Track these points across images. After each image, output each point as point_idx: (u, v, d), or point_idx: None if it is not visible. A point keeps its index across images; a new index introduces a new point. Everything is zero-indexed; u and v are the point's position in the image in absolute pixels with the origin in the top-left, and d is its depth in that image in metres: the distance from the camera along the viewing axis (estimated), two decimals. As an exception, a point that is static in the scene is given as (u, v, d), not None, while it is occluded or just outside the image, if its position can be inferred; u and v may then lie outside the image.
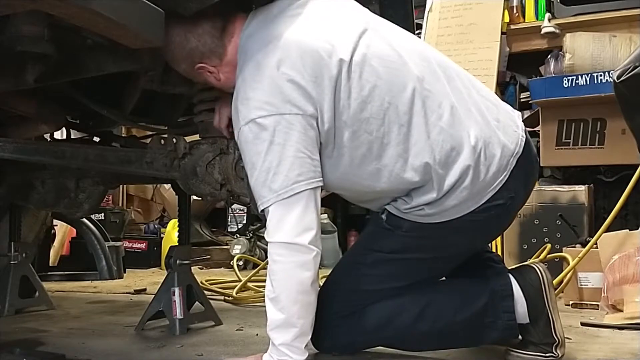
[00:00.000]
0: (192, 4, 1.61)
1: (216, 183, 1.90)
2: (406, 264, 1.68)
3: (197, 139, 1.96)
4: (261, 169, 1.52)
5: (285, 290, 1.54)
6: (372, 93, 1.56)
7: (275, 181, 1.51)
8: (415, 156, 1.56)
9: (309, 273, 1.54)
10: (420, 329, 1.66)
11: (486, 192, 1.59)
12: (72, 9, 1.27)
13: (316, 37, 1.57)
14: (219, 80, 1.71)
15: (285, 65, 1.53)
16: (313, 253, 1.53)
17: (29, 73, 1.71)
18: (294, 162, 1.51)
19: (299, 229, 1.51)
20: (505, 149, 1.61)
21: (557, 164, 3.51)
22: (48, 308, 2.66)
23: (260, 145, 1.52)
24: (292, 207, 1.51)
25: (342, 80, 1.54)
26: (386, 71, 1.57)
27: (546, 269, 1.68)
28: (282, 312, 1.53)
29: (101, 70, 1.83)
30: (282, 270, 1.54)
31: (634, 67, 2.17)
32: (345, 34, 1.59)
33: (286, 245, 1.52)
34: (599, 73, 3.23)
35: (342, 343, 1.72)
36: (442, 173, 1.56)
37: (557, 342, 1.63)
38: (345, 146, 1.57)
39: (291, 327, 1.54)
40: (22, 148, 1.96)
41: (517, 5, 4.08)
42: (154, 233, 4.98)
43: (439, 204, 1.58)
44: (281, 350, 1.54)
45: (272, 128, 1.51)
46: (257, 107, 1.52)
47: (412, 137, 1.57)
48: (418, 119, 1.57)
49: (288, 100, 1.52)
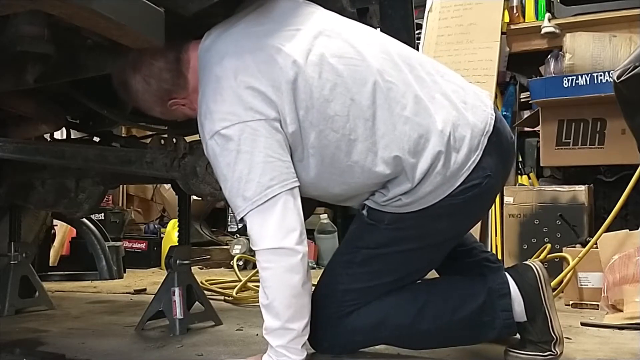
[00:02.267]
0: (192, 4, 1.61)
1: (216, 183, 1.90)
2: (395, 257, 1.67)
3: (197, 139, 1.96)
4: (232, 179, 1.53)
5: (278, 296, 1.55)
6: (334, 91, 1.56)
7: (248, 189, 1.51)
8: (384, 149, 1.57)
9: (298, 276, 1.54)
10: (419, 327, 1.67)
11: (460, 174, 1.59)
12: (72, 9, 1.27)
13: (269, 43, 1.58)
14: (195, 110, 1.70)
15: (242, 74, 1.54)
16: (300, 254, 1.53)
17: (29, 73, 1.71)
18: (264, 167, 1.51)
19: (282, 232, 1.52)
20: (475, 129, 1.60)
21: (557, 164, 3.52)
22: (48, 308, 2.66)
23: (229, 156, 1.52)
24: (269, 212, 1.51)
25: (300, 81, 1.55)
26: (345, 68, 1.58)
27: (543, 267, 1.68)
28: (277, 318, 1.55)
29: (101, 70, 1.83)
30: (272, 276, 1.55)
31: (634, 67, 2.17)
32: (299, 37, 1.60)
33: (272, 251, 1.52)
34: (599, 73, 3.24)
35: (340, 343, 1.72)
36: (413, 162, 1.57)
37: (555, 339, 1.63)
38: (314, 147, 1.58)
39: (287, 331, 1.55)
40: (22, 148, 1.96)
41: (517, 5, 4.08)
42: (154, 233, 4.98)
43: (414, 192, 1.59)
44: (279, 352, 1.55)
45: (237, 137, 1.51)
46: (220, 119, 1.53)
47: (378, 131, 1.57)
48: (382, 112, 1.57)
49: (250, 108, 1.52)
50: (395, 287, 1.69)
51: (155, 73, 1.67)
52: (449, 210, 1.61)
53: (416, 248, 1.67)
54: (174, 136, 1.97)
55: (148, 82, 1.68)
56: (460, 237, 1.77)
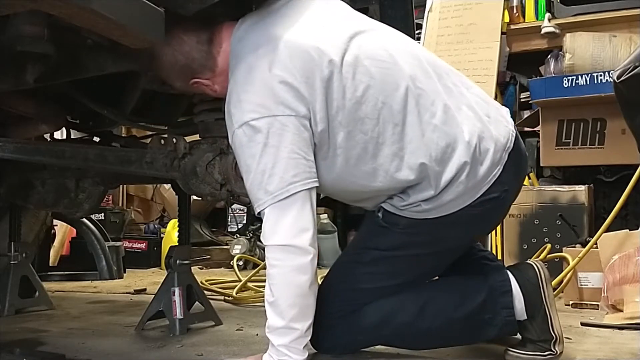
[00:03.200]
0: (192, 4, 1.61)
1: (216, 183, 1.90)
2: (404, 261, 1.68)
3: (197, 139, 1.96)
4: (256, 171, 1.53)
5: (283, 294, 1.54)
6: (366, 93, 1.56)
7: (270, 183, 1.51)
8: (411, 155, 1.57)
9: (306, 276, 1.54)
10: (420, 326, 1.67)
11: (482, 186, 1.60)
12: (72, 9, 1.27)
13: (307, 39, 1.58)
14: (216, 91, 1.72)
15: (276, 67, 1.54)
16: (310, 255, 1.53)
17: (29, 73, 1.71)
18: (288, 163, 1.51)
19: (295, 230, 1.52)
20: (498, 143, 1.62)
21: (557, 164, 3.51)
22: (48, 308, 2.66)
23: (255, 148, 1.52)
24: (288, 208, 1.51)
25: (335, 81, 1.55)
26: (379, 71, 1.58)
27: (544, 266, 1.68)
28: (280, 316, 1.54)
29: (101, 70, 1.83)
30: (279, 274, 1.54)
31: (634, 67, 2.17)
32: (336, 36, 1.61)
33: (283, 248, 1.52)
34: (599, 73, 3.23)
35: (342, 343, 1.72)
36: (438, 170, 1.57)
37: (555, 338, 1.63)
38: (341, 147, 1.58)
39: (290, 331, 1.54)
40: (22, 148, 1.96)
41: (517, 5, 4.08)
42: (154, 233, 4.98)
43: (436, 199, 1.59)
44: (280, 351, 1.55)
45: (265, 130, 1.51)
46: (250, 110, 1.53)
47: (406, 136, 1.57)
48: (412, 118, 1.58)
49: (281, 102, 1.52)
50: (398, 289, 1.69)
51: (186, 50, 1.66)
52: (466, 220, 1.63)
53: (426, 253, 1.68)
54: (174, 136, 1.97)
55: (176, 57, 1.67)
56: (469, 245, 1.77)
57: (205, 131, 1.95)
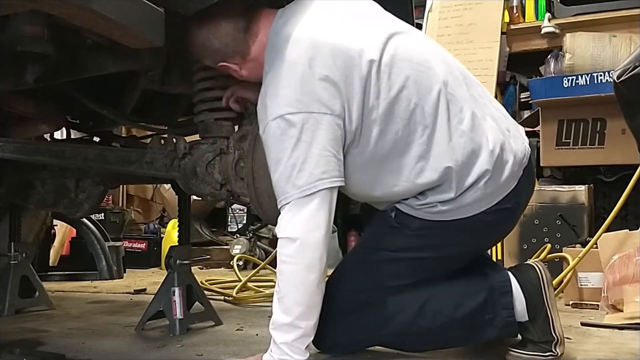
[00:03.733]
0: (192, 4, 1.61)
1: (216, 183, 1.90)
2: (411, 263, 1.69)
3: (197, 139, 1.96)
4: (286, 164, 1.53)
5: (290, 291, 1.54)
6: (400, 94, 1.58)
7: (300, 178, 1.52)
8: (437, 157, 1.59)
9: (314, 275, 1.54)
10: (420, 325, 1.67)
11: (498, 195, 1.63)
12: (72, 9, 1.27)
13: (347, 37, 1.59)
14: (241, 76, 1.74)
15: (317, 64, 1.55)
16: (319, 253, 1.53)
17: (29, 73, 1.71)
18: (319, 160, 1.52)
19: (311, 225, 1.52)
20: (516, 157, 1.65)
21: (557, 164, 3.51)
22: (48, 308, 2.66)
23: (288, 142, 1.53)
24: (309, 204, 1.52)
25: (372, 80, 1.56)
26: (414, 73, 1.60)
27: (545, 268, 1.68)
28: (286, 313, 1.54)
29: (101, 70, 1.83)
30: (289, 271, 1.54)
31: (634, 67, 2.17)
32: (374, 35, 1.62)
33: (296, 242, 1.52)
34: (599, 73, 3.23)
35: (343, 342, 1.72)
36: (461, 174, 1.59)
37: (556, 340, 1.63)
38: (371, 144, 1.59)
39: (294, 329, 1.54)
40: (22, 148, 1.96)
41: (517, 5, 4.08)
42: (154, 233, 4.98)
43: (453, 202, 1.61)
44: (282, 349, 1.54)
45: (300, 125, 1.52)
46: (287, 104, 1.54)
47: (435, 139, 1.59)
48: (442, 121, 1.59)
49: (318, 99, 1.53)
50: (400, 290, 1.70)
51: (221, 35, 1.67)
52: (478, 226, 1.65)
53: (433, 257, 1.69)
54: (174, 136, 1.96)
55: (210, 40, 1.68)
56: (475, 255, 1.77)
57: (205, 131, 1.94)
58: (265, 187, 1.78)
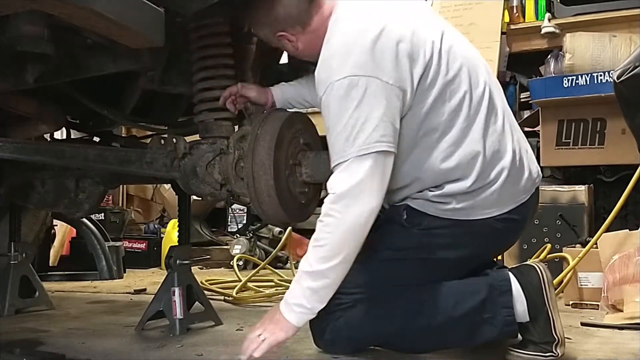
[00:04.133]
0: (192, 3, 1.61)
1: (216, 183, 1.90)
2: (414, 264, 1.70)
3: (197, 139, 1.96)
4: (346, 124, 1.55)
5: (330, 242, 1.56)
6: (455, 80, 1.65)
7: (358, 137, 1.54)
8: (468, 145, 1.64)
9: (356, 235, 1.56)
10: (419, 323, 1.67)
11: (510, 203, 1.68)
12: (72, 9, 1.27)
13: (414, 20, 1.67)
14: (297, 49, 1.77)
15: (387, 35, 1.59)
16: (369, 212, 1.55)
17: (29, 73, 1.71)
18: (378, 124, 1.55)
19: (364, 187, 1.54)
20: (532, 174, 1.73)
21: (557, 164, 3.51)
22: (48, 308, 2.66)
23: (350, 102, 1.55)
24: (365, 165, 1.54)
25: (434, 62, 1.63)
26: (467, 66, 1.68)
27: (546, 268, 1.69)
28: (321, 261, 1.56)
29: (101, 70, 1.83)
30: (333, 224, 1.56)
31: (634, 67, 2.17)
32: (432, 25, 1.71)
33: (343, 198, 1.54)
34: (599, 73, 3.23)
35: (342, 337, 1.72)
36: (485, 167, 1.64)
37: (556, 341, 1.63)
38: (416, 122, 1.63)
39: (324, 277, 1.57)
40: (22, 148, 1.96)
41: (517, 5, 4.08)
42: (154, 233, 4.98)
43: (469, 197, 1.64)
44: (303, 293, 1.58)
45: (363, 88, 1.55)
46: (354, 66, 1.56)
47: (472, 130, 1.65)
48: (481, 116, 1.66)
49: (384, 68, 1.57)
50: (400, 289, 1.71)
51: (285, 4, 1.70)
52: (486, 231, 1.68)
53: (439, 259, 1.70)
54: (174, 136, 1.96)
55: (275, 8, 1.70)
56: (479, 263, 1.77)
57: (205, 131, 1.94)
58: (265, 187, 1.78)
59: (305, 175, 1.88)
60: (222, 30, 1.93)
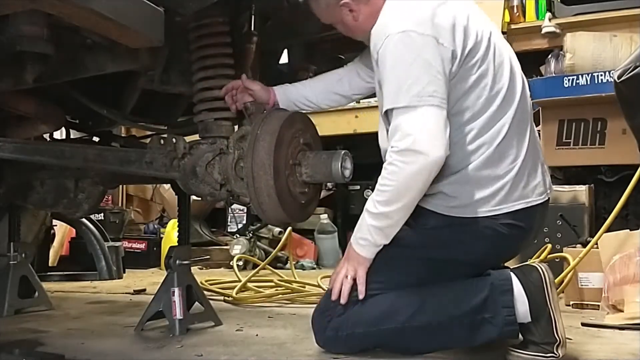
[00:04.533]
0: (192, 3, 1.61)
1: (216, 183, 1.90)
2: (416, 263, 1.71)
3: (197, 139, 1.96)
4: (401, 74, 1.61)
5: (392, 189, 1.62)
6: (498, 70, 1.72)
7: (412, 88, 1.60)
8: (490, 135, 1.69)
9: (418, 184, 1.61)
10: (420, 321, 1.68)
11: (519, 202, 1.70)
12: (71, 9, 1.27)
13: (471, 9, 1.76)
14: (356, 21, 1.79)
15: (447, 8, 1.68)
16: (427, 165, 1.58)
17: (29, 73, 1.71)
18: (433, 80, 1.61)
19: (426, 139, 1.58)
20: (544, 183, 1.76)
21: (558, 164, 3.50)
22: (47, 308, 2.65)
23: (408, 55, 1.61)
24: (424, 116, 1.59)
25: (482, 46, 1.70)
26: (509, 64, 1.76)
27: (548, 268, 1.68)
28: (382, 204, 1.64)
29: (101, 70, 1.83)
30: (396, 173, 1.61)
31: (634, 67, 2.17)
32: (485, 21, 1.79)
33: (407, 152, 1.58)
34: (600, 73, 3.23)
35: (343, 335, 1.73)
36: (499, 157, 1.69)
37: (558, 341, 1.62)
38: (453, 98, 1.67)
39: (387, 218, 1.66)
40: (21, 148, 1.96)
41: (518, 5, 4.08)
42: (154, 233, 4.98)
43: (478, 187, 1.67)
44: (370, 231, 1.68)
45: (421, 45, 1.62)
46: (416, 23, 1.63)
47: (498, 123, 1.69)
48: (509, 114, 1.71)
49: (441, 31, 1.64)
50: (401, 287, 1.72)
51: None
52: (489, 233, 1.69)
53: (441, 260, 1.71)
54: (173, 136, 1.96)
55: None
56: (481, 268, 1.76)
57: (205, 131, 1.94)
58: (265, 187, 1.78)
59: (305, 175, 1.88)
60: (221, 30, 1.93)
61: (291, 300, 2.81)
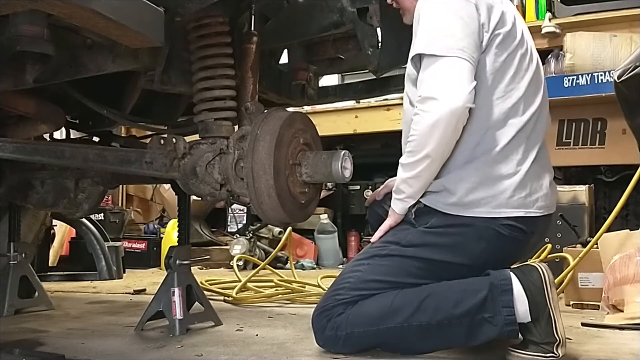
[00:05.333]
0: (192, 3, 1.61)
1: (216, 183, 1.90)
2: (417, 263, 1.72)
3: (197, 139, 1.96)
4: (438, 24, 1.67)
5: (416, 138, 1.65)
6: (526, 56, 1.76)
7: (446, 39, 1.64)
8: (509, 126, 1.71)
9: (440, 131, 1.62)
10: (420, 320, 1.68)
11: (520, 209, 1.70)
12: (71, 9, 1.27)
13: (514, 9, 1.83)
14: None
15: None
16: (448, 112, 1.60)
17: (29, 73, 1.71)
18: (466, 38, 1.65)
19: (448, 88, 1.60)
20: (548, 202, 1.77)
21: (558, 163, 3.50)
22: (47, 308, 2.65)
23: (447, 10, 1.67)
24: (453, 68, 1.62)
25: (509, 37, 1.73)
26: (537, 57, 1.82)
27: (548, 268, 1.68)
28: (409, 155, 1.68)
29: (101, 70, 1.83)
30: (419, 122, 1.64)
31: (634, 67, 2.17)
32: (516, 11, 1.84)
33: (429, 100, 1.61)
34: (600, 73, 3.24)
35: (342, 334, 1.73)
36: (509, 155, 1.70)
37: (558, 341, 1.62)
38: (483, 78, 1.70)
39: (412, 169, 1.68)
40: (21, 148, 1.95)
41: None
42: (154, 233, 4.98)
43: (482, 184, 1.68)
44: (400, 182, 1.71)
45: (464, 6, 1.67)
46: None
47: (516, 116, 1.71)
48: (525, 117, 1.73)
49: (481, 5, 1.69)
50: (401, 287, 1.73)
51: None
52: (490, 235, 1.70)
53: (442, 261, 1.72)
54: (173, 136, 1.96)
55: None
56: (482, 271, 1.76)
57: (205, 131, 1.94)
58: (265, 187, 1.78)
59: (305, 175, 1.88)
60: (221, 30, 1.93)
61: (291, 300, 2.81)
